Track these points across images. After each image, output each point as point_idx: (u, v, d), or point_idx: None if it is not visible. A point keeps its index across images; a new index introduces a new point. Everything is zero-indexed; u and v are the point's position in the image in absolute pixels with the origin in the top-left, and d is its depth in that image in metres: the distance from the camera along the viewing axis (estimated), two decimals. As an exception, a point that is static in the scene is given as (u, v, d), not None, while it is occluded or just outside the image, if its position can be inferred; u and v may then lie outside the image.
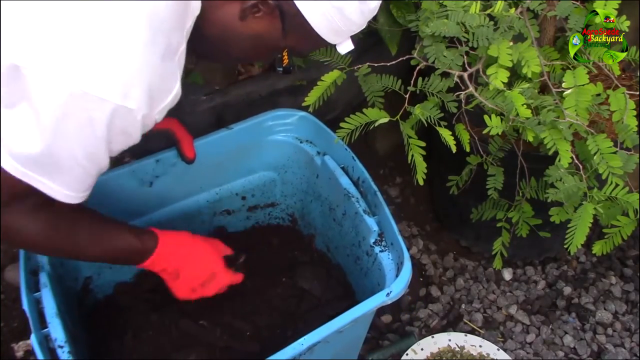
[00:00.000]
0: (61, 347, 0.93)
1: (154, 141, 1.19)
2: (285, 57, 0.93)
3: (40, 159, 0.75)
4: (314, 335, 0.95)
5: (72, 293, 1.19)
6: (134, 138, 0.81)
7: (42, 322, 0.96)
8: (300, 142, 1.31)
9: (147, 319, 1.21)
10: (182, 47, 0.81)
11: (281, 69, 0.94)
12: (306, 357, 0.96)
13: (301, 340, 0.94)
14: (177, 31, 0.79)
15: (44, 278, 1.01)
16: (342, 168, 1.23)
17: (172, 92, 0.82)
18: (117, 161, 1.69)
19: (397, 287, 1.01)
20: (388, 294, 1.00)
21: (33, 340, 0.92)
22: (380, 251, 1.12)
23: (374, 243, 1.13)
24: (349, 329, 0.99)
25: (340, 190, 1.21)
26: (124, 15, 0.73)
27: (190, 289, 1.06)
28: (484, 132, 1.10)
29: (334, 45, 0.92)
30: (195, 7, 0.81)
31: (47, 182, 0.78)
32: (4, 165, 0.75)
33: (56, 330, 0.94)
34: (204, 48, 0.90)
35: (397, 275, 1.06)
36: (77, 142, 0.76)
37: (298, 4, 0.82)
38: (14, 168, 0.75)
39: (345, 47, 0.93)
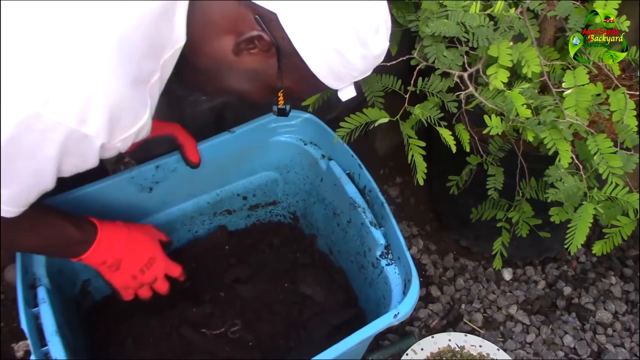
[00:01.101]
0: None
1: (156, 147, 1.19)
2: (281, 98, 0.87)
3: None
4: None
5: (70, 299, 1.18)
6: (90, 163, 0.76)
7: (41, 338, 0.95)
8: (305, 144, 1.30)
9: (148, 324, 1.20)
10: (156, 77, 0.77)
11: (277, 109, 0.90)
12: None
13: None
14: (149, 59, 0.75)
15: (42, 293, 1.01)
16: (348, 174, 1.21)
17: (139, 123, 0.76)
18: (116, 162, 1.69)
19: (404, 308, 0.99)
20: (395, 316, 0.98)
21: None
22: (386, 264, 1.11)
23: (380, 256, 1.12)
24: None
25: (345, 198, 1.19)
26: (92, 37, 0.68)
27: (131, 276, 1.04)
28: (484, 132, 1.10)
29: (335, 91, 0.88)
30: (178, 38, 0.77)
31: None
32: None
33: (56, 349, 0.93)
34: (199, 81, 0.88)
35: (404, 293, 1.05)
36: (24, 161, 0.70)
37: (295, 43, 0.78)
38: None
39: (346, 93, 0.89)
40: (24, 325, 0.95)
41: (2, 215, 0.75)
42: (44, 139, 0.69)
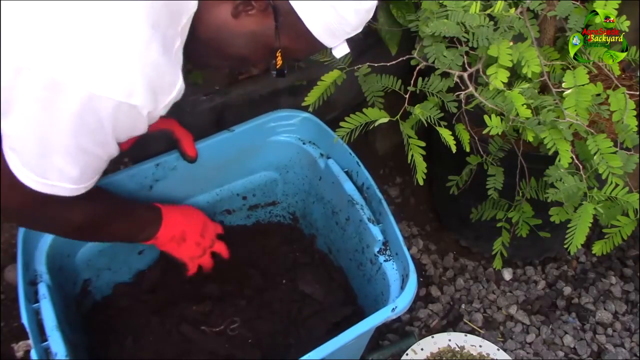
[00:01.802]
0: None
1: (153, 144, 1.19)
2: (279, 58, 0.90)
3: (45, 161, 0.78)
4: (317, 352, 0.94)
5: (71, 297, 1.19)
6: (140, 130, 0.82)
7: (41, 334, 0.96)
8: (303, 144, 1.30)
9: (148, 323, 1.20)
10: (178, 43, 0.81)
11: (275, 71, 0.92)
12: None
13: (305, 357, 0.93)
14: (171, 27, 0.79)
15: (42, 289, 1.02)
16: (346, 172, 1.22)
17: (176, 86, 0.82)
18: (115, 163, 1.69)
19: (402, 302, 1.00)
20: (393, 310, 0.99)
21: (33, 355, 0.92)
22: (384, 260, 1.11)
23: (378, 252, 1.13)
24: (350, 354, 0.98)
25: (344, 196, 1.20)
26: (123, 15, 0.73)
27: (195, 243, 1.15)
28: (484, 132, 1.10)
29: (330, 49, 0.91)
30: (192, 5, 0.81)
31: (60, 184, 0.81)
32: (21, 179, 0.79)
33: (56, 344, 0.94)
34: (200, 53, 0.90)
35: (402, 288, 1.05)
36: (87, 138, 0.78)
37: (292, 1, 0.81)
38: (29, 179, 0.79)
39: (340, 50, 0.92)
40: (24, 320, 0.96)
41: (71, 194, 0.83)
42: (100, 117, 0.75)
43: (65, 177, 0.81)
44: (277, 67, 0.91)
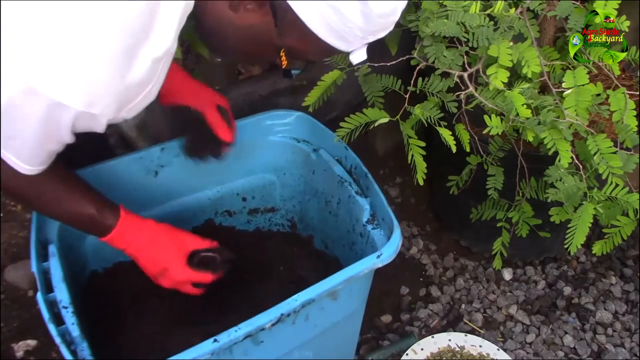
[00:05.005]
0: (65, 307, 0.94)
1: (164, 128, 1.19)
2: (284, 58, 0.85)
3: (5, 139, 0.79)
4: (308, 292, 0.97)
5: (77, 287, 1.19)
6: (98, 129, 0.82)
7: (48, 289, 0.98)
8: (297, 142, 1.32)
9: (149, 313, 1.21)
10: (167, 47, 0.78)
11: (282, 71, 0.88)
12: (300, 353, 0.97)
13: (295, 296, 0.96)
14: (145, 36, 0.76)
15: (52, 248, 1.04)
16: (337, 160, 1.24)
17: (144, 91, 0.80)
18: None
19: (387, 250, 1.02)
20: (379, 256, 1.01)
21: (40, 300, 0.93)
22: (372, 229, 1.14)
23: (366, 222, 1.14)
24: (342, 321, 0.99)
25: (334, 178, 1.22)
26: (96, 28, 0.72)
27: (151, 276, 1.05)
28: (484, 132, 1.11)
29: (347, 54, 0.85)
30: (188, 5, 0.79)
31: (10, 156, 0.82)
32: None
33: (61, 293, 0.96)
34: (209, 42, 0.89)
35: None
36: (38, 134, 0.78)
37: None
38: None
39: (357, 56, 0.86)
40: (34, 269, 0.98)
41: (25, 173, 0.84)
42: (58, 120, 0.76)
43: (21, 159, 0.83)
44: (283, 66, 0.85)
